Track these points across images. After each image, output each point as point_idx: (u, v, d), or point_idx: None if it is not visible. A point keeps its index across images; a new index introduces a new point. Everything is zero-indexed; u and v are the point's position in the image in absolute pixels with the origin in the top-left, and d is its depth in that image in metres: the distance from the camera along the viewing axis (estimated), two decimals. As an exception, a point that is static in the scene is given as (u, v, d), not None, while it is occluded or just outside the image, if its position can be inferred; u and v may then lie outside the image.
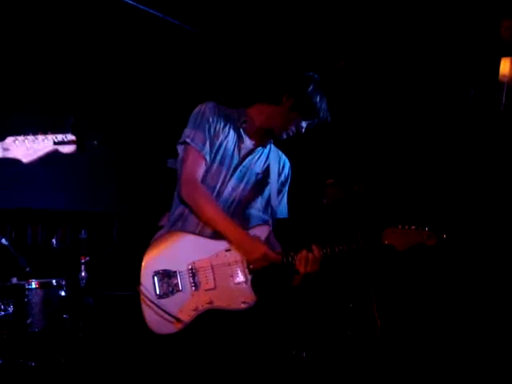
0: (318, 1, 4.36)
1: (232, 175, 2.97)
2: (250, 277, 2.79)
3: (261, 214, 3.05)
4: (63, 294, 4.11)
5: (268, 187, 3.06)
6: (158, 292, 2.75)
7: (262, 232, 2.90)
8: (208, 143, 2.91)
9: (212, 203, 2.87)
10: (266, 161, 3.09)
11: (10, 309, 3.88)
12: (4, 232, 4.26)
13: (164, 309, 2.70)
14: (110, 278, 4.60)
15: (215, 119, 2.95)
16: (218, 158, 2.95)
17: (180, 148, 2.98)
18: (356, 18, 4.41)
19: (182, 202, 2.92)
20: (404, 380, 3.71)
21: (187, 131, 2.95)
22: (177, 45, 4.78)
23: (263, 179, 3.06)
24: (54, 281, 4.11)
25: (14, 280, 4.05)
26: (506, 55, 4.11)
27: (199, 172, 2.90)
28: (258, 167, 3.05)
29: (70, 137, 2.53)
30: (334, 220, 3.23)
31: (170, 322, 2.70)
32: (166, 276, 2.78)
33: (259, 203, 3.05)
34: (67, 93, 4.99)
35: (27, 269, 4.14)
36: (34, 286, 3.99)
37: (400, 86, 4.49)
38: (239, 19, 4.50)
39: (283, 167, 3.18)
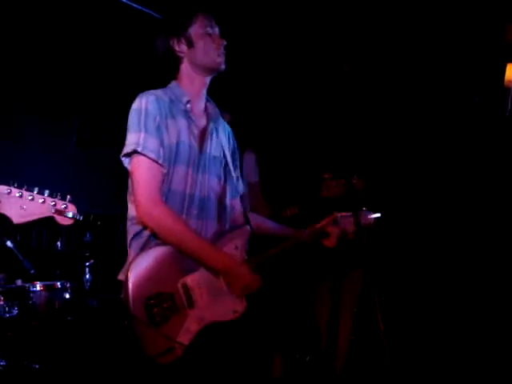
0: (324, 6, 4.36)
1: (198, 171, 2.55)
2: None
3: (235, 204, 2.74)
4: (68, 296, 4.12)
5: (227, 168, 2.68)
6: (153, 319, 2.40)
7: (241, 236, 2.63)
8: (162, 146, 2.46)
9: (181, 225, 2.47)
10: (217, 138, 2.67)
11: (15, 311, 3.89)
12: (9, 234, 4.26)
13: (163, 336, 2.39)
14: (115, 281, 4.60)
15: (163, 114, 2.49)
16: (180, 157, 2.51)
17: (126, 161, 2.49)
18: (361, 24, 4.41)
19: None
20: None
21: (133, 137, 2.44)
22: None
23: (222, 161, 2.67)
24: (58, 283, 4.12)
25: (19, 282, 4.06)
26: (511, 61, 4.11)
27: (158, 187, 2.46)
28: (215, 149, 2.64)
29: (71, 207, 2.23)
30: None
31: (172, 348, 2.40)
32: (159, 300, 2.43)
33: (228, 192, 2.69)
34: (72, 94, 5.00)
35: (32, 271, 4.15)
36: (38, 288, 4.00)
37: (404, 92, 4.49)
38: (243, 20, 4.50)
39: (229, 136, 2.77)
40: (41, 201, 2.21)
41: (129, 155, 2.48)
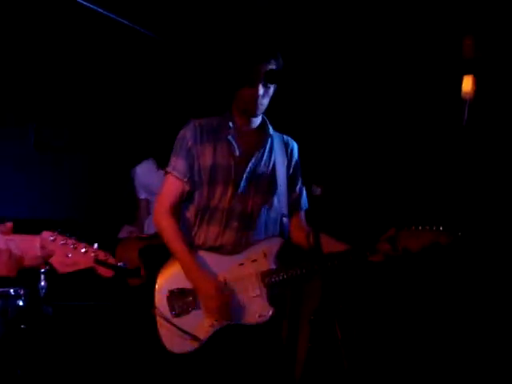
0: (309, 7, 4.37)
1: (237, 187, 2.86)
2: (265, 290, 2.77)
3: (278, 216, 2.96)
4: (21, 303, 4.02)
5: (277, 183, 2.94)
6: (173, 311, 2.74)
7: (272, 245, 2.85)
8: (190, 169, 2.86)
9: (176, 238, 2.83)
10: (270, 156, 2.95)
11: (-34, 318, 3.78)
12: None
13: (180, 327, 2.68)
14: (70, 288, 4.52)
15: (198, 140, 2.86)
16: (217, 178, 2.86)
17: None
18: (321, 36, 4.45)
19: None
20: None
21: (170, 160, 2.93)
22: (146, 53, 4.76)
23: (271, 177, 2.94)
24: (11, 290, 4.02)
25: (-29, 289, 3.96)
26: (467, 73, 4.22)
27: (172, 201, 2.87)
28: (264, 167, 2.93)
29: (111, 259, 2.17)
30: None
31: (187, 340, 2.69)
32: (181, 294, 2.76)
33: (275, 204, 2.94)
34: (29, 99, 4.91)
35: (-16, 278, 4.04)
36: (-10, 295, 3.91)
37: (362, 102, 4.54)
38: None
39: (291, 153, 3.03)
40: (83, 250, 2.13)
41: (165, 174, 2.92)
